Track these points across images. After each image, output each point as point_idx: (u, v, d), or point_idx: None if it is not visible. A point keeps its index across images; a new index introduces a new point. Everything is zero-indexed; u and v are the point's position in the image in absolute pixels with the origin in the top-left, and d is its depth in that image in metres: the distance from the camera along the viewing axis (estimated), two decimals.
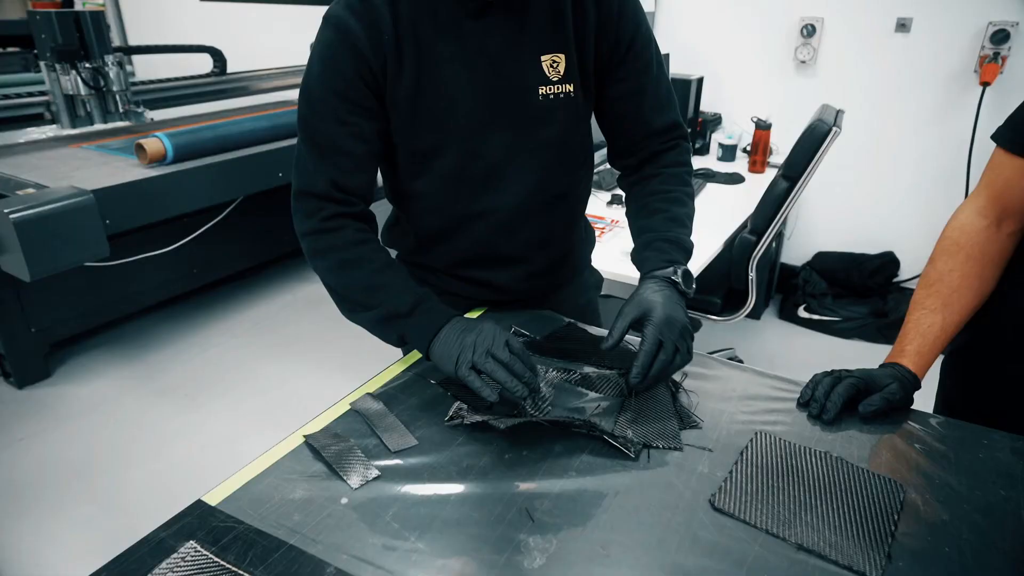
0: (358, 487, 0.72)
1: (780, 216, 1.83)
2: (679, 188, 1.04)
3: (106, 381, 2.52)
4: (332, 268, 0.94)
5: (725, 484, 0.73)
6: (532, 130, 0.98)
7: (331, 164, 0.93)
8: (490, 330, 0.85)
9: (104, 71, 2.57)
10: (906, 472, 0.76)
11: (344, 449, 0.78)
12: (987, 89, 2.50)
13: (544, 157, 1.01)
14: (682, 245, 0.98)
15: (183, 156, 2.37)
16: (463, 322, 0.89)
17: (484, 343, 0.82)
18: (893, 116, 2.74)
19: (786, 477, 0.74)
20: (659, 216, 1.01)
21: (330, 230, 0.94)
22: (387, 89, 0.92)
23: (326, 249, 0.94)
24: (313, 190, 0.94)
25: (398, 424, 0.83)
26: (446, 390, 0.90)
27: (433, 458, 0.77)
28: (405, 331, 0.91)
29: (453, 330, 0.87)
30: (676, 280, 0.92)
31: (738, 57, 2.97)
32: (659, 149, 1.06)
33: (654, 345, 0.85)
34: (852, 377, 0.87)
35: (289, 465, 0.76)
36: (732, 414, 0.86)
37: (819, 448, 0.79)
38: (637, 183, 1.08)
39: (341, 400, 0.89)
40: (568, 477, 0.75)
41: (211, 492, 0.72)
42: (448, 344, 0.86)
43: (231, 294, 3.17)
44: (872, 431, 0.84)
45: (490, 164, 0.98)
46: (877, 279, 2.93)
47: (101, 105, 2.66)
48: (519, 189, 1.01)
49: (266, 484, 0.73)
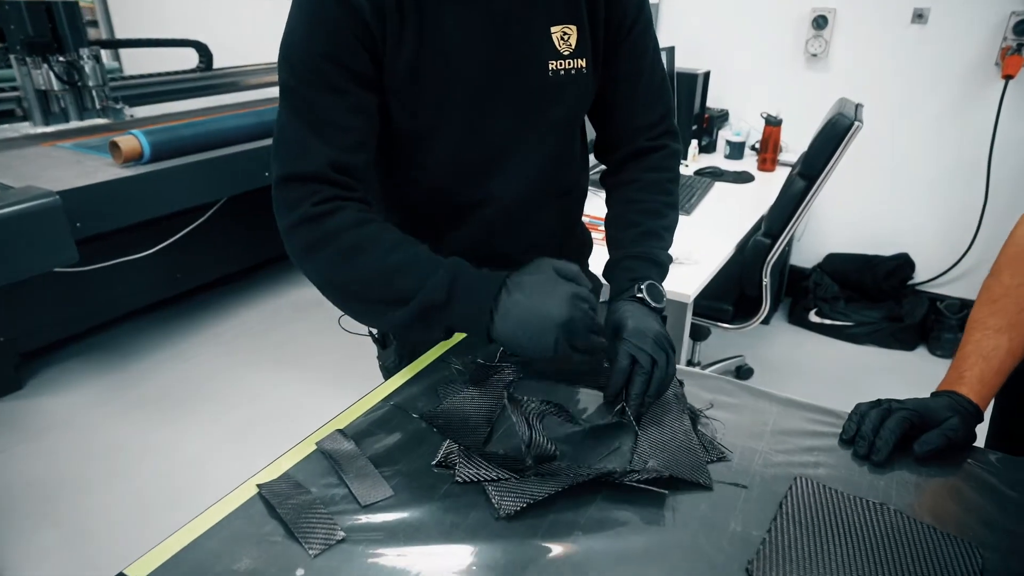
0: (318, 554, 0.59)
1: (797, 217, 1.71)
2: (657, 198, 0.96)
3: (80, 393, 2.39)
4: (336, 260, 0.76)
5: (764, 548, 0.60)
6: (539, 110, 0.87)
7: (328, 141, 0.77)
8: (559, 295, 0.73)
9: (79, 65, 2.44)
10: (978, 528, 0.64)
11: (303, 504, 0.65)
12: (1010, 82, 2.38)
13: (550, 143, 0.91)
14: (652, 258, 0.91)
15: (161, 155, 2.25)
16: (526, 276, 0.74)
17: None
18: (909, 111, 2.61)
19: (836, 538, 0.61)
20: (632, 231, 0.94)
21: (326, 214, 0.76)
22: (386, 57, 0.79)
23: (324, 238, 0.75)
24: (305, 172, 0.76)
25: (370, 470, 0.70)
26: (432, 425, 0.77)
27: (411, 514, 0.64)
28: (451, 323, 0.75)
29: (524, 290, 0.72)
30: (641, 296, 0.84)
31: (746, 50, 2.84)
32: (646, 146, 0.98)
33: (626, 361, 0.77)
34: (904, 410, 0.74)
35: (237, 524, 0.63)
36: (766, 454, 0.73)
37: (872, 498, 0.66)
38: (617, 186, 1.00)
39: (307, 438, 0.76)
40: (573, 539, 0.62)
41: (137, 562, 0.59)
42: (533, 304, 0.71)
43: (214, 301, 3.03)
44: (931, 474, 0.71)
45: (492, 148, 0.88)
46: (891, 282, 2.80)
47: (77, 101, 2.53)
48: (521, 178, 0.91)
49: (207, 550, 0.60)
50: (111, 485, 1.95)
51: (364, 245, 0.75)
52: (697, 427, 0.77)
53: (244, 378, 2.47)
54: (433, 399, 0.82)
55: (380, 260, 0.75)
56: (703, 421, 0.79)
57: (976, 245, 2.64)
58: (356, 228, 0.76)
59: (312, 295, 0.83)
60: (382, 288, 0.75)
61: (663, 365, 0.77)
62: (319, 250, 0.76)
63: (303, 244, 0.77)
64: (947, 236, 2.70)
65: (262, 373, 2.50)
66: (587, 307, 0.73)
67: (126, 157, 2.16)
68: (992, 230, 2.60)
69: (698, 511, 0.65)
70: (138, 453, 2.10)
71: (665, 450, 0.73)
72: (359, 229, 0.76)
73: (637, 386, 0.77)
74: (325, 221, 0.75)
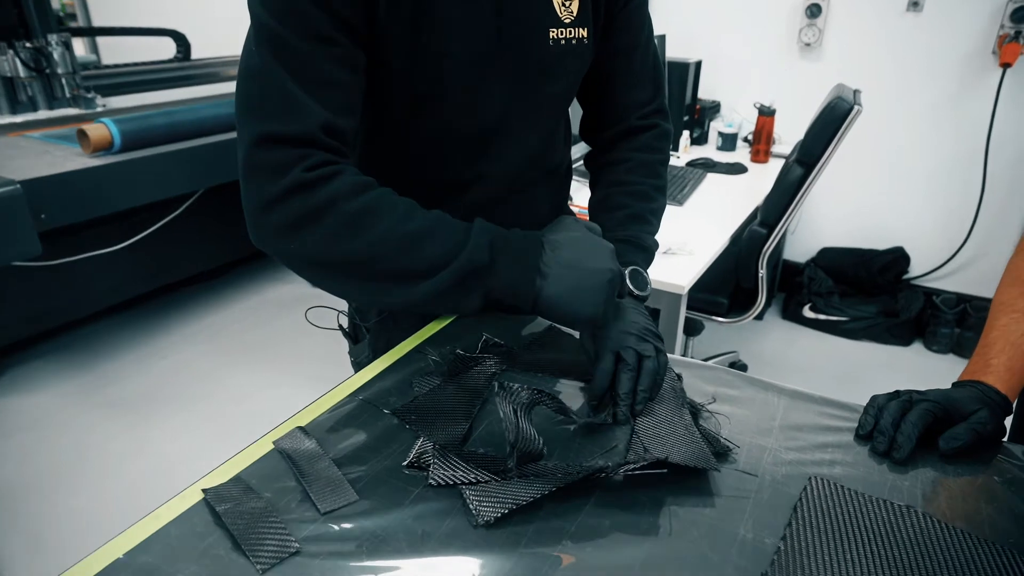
0: (267, 569, 0.52)
1: (794, 206, 1.64)
2: (646, 180, 0.90)
3: (50, 393, 2.28)
4: (337, 232, 0.64)
5: (779, 558, 0.53)
6: (537, 83, 0.81)
7: (320, 99, 0.66)
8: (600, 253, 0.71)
9: (47, 52, 2.34)
10: (1016, 532, 0.57)
11: (253, 511, 0.57)
12: (1007, 71, 2.32)
13: (544, 120, 0.86)
14: (638, 243, 0.85)
15: (133, 144, 2.15)
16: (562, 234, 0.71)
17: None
18: (904, 102, 2.55)
19: (860, 545, 0.54)
20: (619, 213, 0.87)
21: (322, 180, 0.64)
22: (381, 13, 0.69)
23: (321, 207, 0.63)
24: (294, 133, 0.64)
25: (333, 472, 0.62)
26: (404, 421, 0.69)
27: (377, 521, 0.56)
28: (493, 287, 0.67)
29: (569, 248, 0.68)
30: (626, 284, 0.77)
31: (738, 39, 2.78)
32: (637, 125, 0.92)
33: (609, 359, 0.70)
34: (926, 401, 0.67)
35: (176, 536, 0.55)
36: (775, 451, 0.66)
37: (894, 499, 0.59)
38: (604, 167, 0.94)
39: (264, 436, 0.68)
40: (561, 550, 0.54)
41: (67, 574, 0.51)
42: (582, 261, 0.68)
43: (191, 298, 2.93)
44: (959, 473, 0.64)
45: (487, 124, 0.81)
46: (887, 276, 2.75)
47: (46, 90, 2.43)
48: (514, 157, 0.85)
49: (140, 564, 0.52)
50: (79, 489, 1.86)
51: (375, 211, 0.64)
52: (699, 422, 0.70)
53: (221, 378, 2.38)
54: (407, 393, 0.74)
55: (399, 226, 0.64)
56: (705, 416, 0.71)
57: (973, 238, 2.59)
58: (360, 193, 0.65)
59: (294, 292, 0.75)
60: (406, 257, 0.64)
61: (652, 357, 0.70)
62: (314, 222, 0.64)
63: (292, 217, 0.64)
64: (943, 229, 2.65)
65: (240, 372, 2.41)
66: None
67: (95, 146, 2.07)
68: (989, 223, 2.55)
69: (702, 516, 0.58)
70: (110, 455, 2.00)
71: (664, 444, 0.65)
72: (364, 194, 0.65)
73: (624, 384, 0.69)
74: (320, 188, 0.63)
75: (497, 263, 0.66)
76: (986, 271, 2.63)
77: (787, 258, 2.98)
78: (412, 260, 0.65)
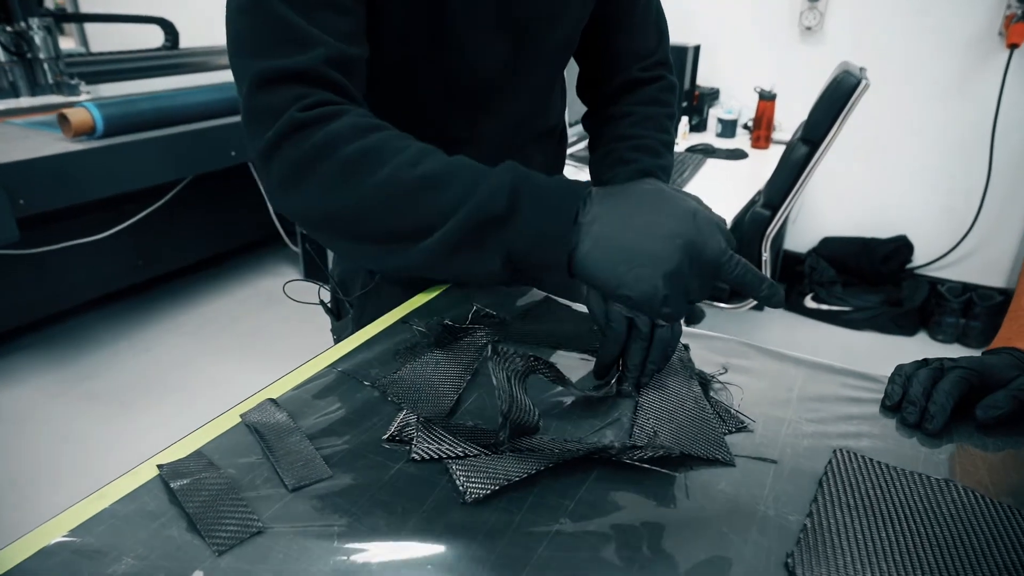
0: (224, 551, 0.45)
1: (799, 186, 1.58)
2: (654, 135, 0.82)
3: (33, 386, 2.21)
4: (337, 176, 0.54)
5: (805, 536, 0.47)
6: (539, 32, 0.74)
7: (323, 25, 0.57)
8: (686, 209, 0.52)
9: (28, 36, 2.27)
10: None
11: (213, 488, 0.50)
12: (1015, 52, 2.27)
13: (544, 76, 0.80)
14: (660, 162, 0.78)
15: (116, 129, 2.08)
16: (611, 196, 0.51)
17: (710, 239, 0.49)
18: (908, 86, 2.50)
19: (895, 522, 0.48)
20: (625, 168, 0.78)
21: (320, 120, 0.55)
22: None
23: (318, 151, 0.54)
24: (295, 67, 0.56)
25: (305, 446, 0.55)
26: (386, 394, 0.63)
27: (353, 498, 0.50)
28: (516, 243, 0.51)
29: (625, 198, 0.51)
30: None
31: (737, 24, 2.72)
32: (640, 77, 0.85)
33: (621, 325, 0.62)
34: (960, 368, 0.61)
35: (125, 514, 0.49)
36: (795, 423, 0.60)
37: (931, 473, 0.53)
38: (606, 122, 0.85)
39: (231, 409, 0.61)
40: (559, 527, 0.48)
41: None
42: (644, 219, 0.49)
43: (179, 290, 2.86)
44: (999, 445, 0.58)
45: (486, 80, 0.75)
46: (890, 265, 2.70)
47: (28, 76, 2.36)
48: (512, 115, 0.79)
49: (78, 547, 0.46)
50: (62, 482, 1.79)
51: (378, 153, 0.54)
52: (709, 394, 0.64)
53: (207, 371, 2.31)
54: (389, 365, 0.68)
55: (404, 170, 0.53)
56: (716, 388, 0.65)
57: (978, 226, 2.53)
58: (364, 135, 0.55)
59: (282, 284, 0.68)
60: (411, 206, 0.53)
61: (666, 326, 0.63)
62: (311, 170, 0.54)
63: (289, 165, 0.55)
64: (947, 217, 2.60)
65: (229, 365, 2.34)
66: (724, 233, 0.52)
67: (76, 131, 2.00)
68: (995, 210, 2.50)
69: (718, 492, 0.52)
70: (92, 449, 1.93)
71: (673, 420, 0.59)
72: (368, 135, 0.55)
73: (635, 355, 0.63)
74: (317, 129, 0.54)
75: (519, 212, 0.50)
76: (992, 259, 2.57)
77: (788, 248, 2.92)
78: (419, 209, 0.53)
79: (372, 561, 0.45)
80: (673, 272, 0.48)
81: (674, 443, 0.55)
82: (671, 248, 0.48)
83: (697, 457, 0.55)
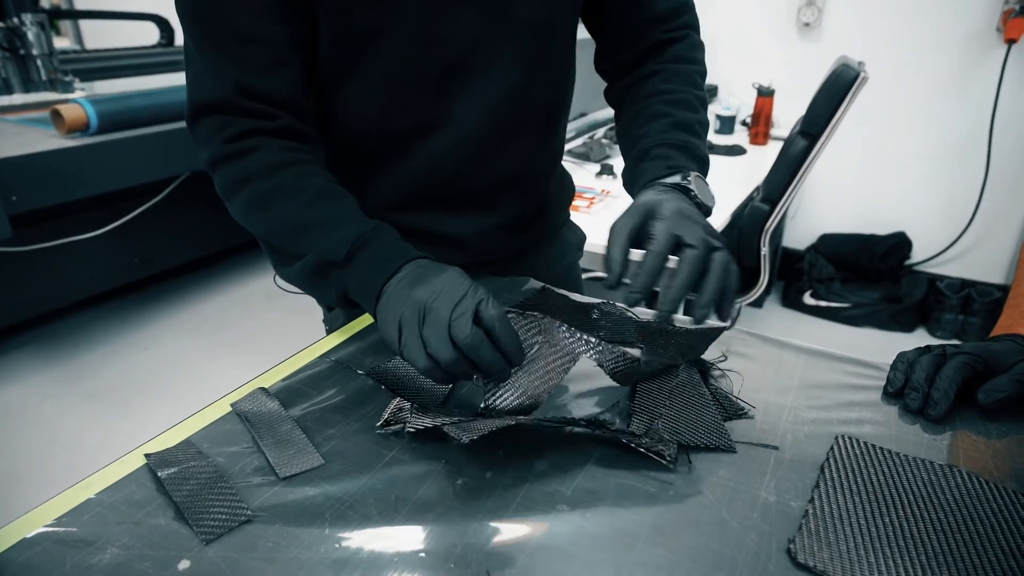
0: (212, 540, 0.44)
1: (798, 179, 1.57)
2: (688, 89, 0.77)
3: (25, 386, 2.20)
4: (247, 207, 0.67)
5: (807, 522, 0.46)
6: (504, 5, 0.70)
7: (234, 59, 0.65)
8: (453, 284, 0.54)
9: (21, 32, 2.26)
10: None
11: (202, 476, 0.49)
12: (1012, 48, 2.26)
13: (524, 46, 0.73)
14: (695, 152, 0.72)
15: (110, 126, 2.07)
16: (420, 268, 0.58)
17: (444, 305, 0.52)
18: (905, 82, 2.49)
19: (898, 507, 0.47)
20: (661, 122, 0.74)
21: (238, 154, 0.66)
22: None
23: (236, 181, 0.66)
24: (209, 101, 0.66)
25: (297, 435, 0.54)
26: (379, 383, 0.62)
27: (345, 486, 0.49)
28: (345, 286, 0.62)
29: (402, 282, 0.57)
30: (687, 185, 0.67)
31: (735, 21, 2.71)
32: (664, 39, 0.80)
33: (666, 239, 0.59)
34: (963, 354, 0.60)
35: (111, 503, 0.47)
36: (796, 410, 0.59)
37: (934, 459, 0.52)
38: (632, 86, 0.80)
39: (221, 399, 0.60)
40: (557, 514, 0.47)
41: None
42: (391, 305, 0.56)
43: (177, 288, 2.84)
44: (1005, 430, 0.57)
45: (451, 56, 0.70)
46: (888, 262, 2.69)
47: (21, 72, 2.34)
48: (488, 96, 0.74)
49: (61, 537, 0.44)
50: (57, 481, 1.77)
51: (277, 193, 0.65)
52: (709, 382, 0.63)
53: (206, 369, 2.30)
54: (383, 355, 0.67)
55: (292, 213, 0.64)
56: (715, 375, 0.64)
57: (976, 222, 2.53)
58: (271, 173, 0.65)
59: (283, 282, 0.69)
60: (291, 241, 0.65)
61: (723, 255, 0.59)
62: (235, 194, 0.67)
63: (222, 185, 0.68)
64: (946, 213, 2.59)
65: (226, 363, 2.33)
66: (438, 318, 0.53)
67: (70, 127, 1.98)
68: (993, 206, 2.49)
69: (718, 478, 0.50)
70: (88, 448, 1.92)
71: (671, 407, 0.58)
72: (275, 174, 0.65)
73: (684, 273, 0.57)
74: (237, 163, 0.66)
75: (354, 263, 0.61)
76: (990, 255, 2.56)
77: (787, 245, 2.91)
78: (296, 241, 0.64)
79: (364, 549, 0.44)
80: (406, 324, 0.53)
81: (672, 432, 0.54)
82: (396, 328, 0.54)
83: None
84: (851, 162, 2.67)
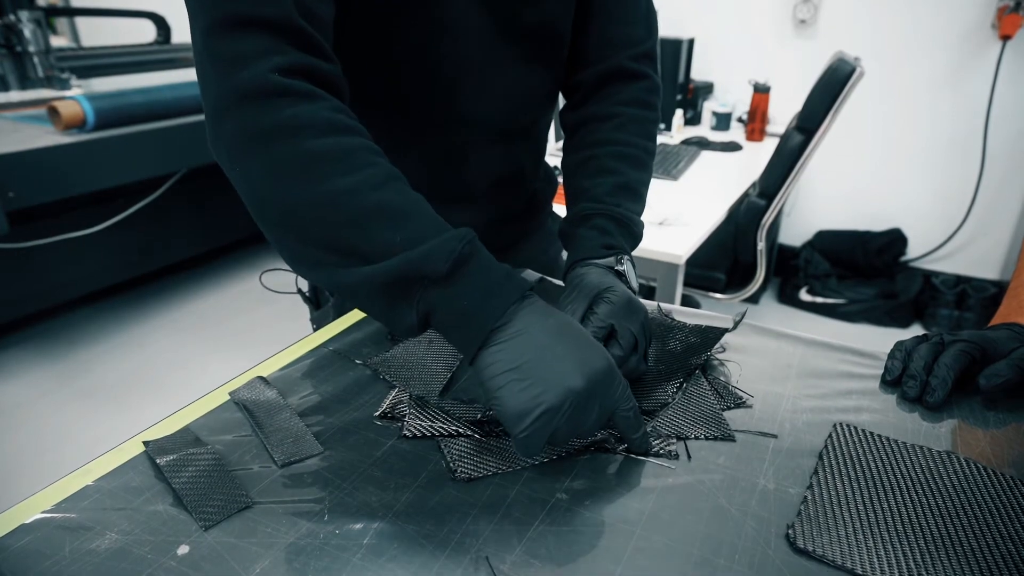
0: (211, 526, 0.44)
1: (795, 174, 1.58)
2: (639, 141, 0.77)
3: (22, 384, 2.19)
4: (298, 166, 0.48)
5: (806, 508, 0.46)
6: (512, 11, 0.69)
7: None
8: (607, 373, 0.48)
9: (18, 29, 2.25)
10: None
11: (201, 463, 0.49)
12: (1007, 44, 2.27)
13: (525, 52, 0.73)
14: (631, 229, 0.72)
15: (108, 122, 2.06)
16: (545, 317, 0.49)
17: (595, 409, 0.48)
18: (901, 79, 2.50)
19: (896, 493, 0.47)
20: (608, 180, 0.73)
21: (293, 94, 0.49)
22: None
23: (285, 129, 0.48)
24: (264, 15, 0.49)
25: (296, 423, 0.54)
26: (378, 372, 0.62)
27: (343, 475, 0.49)
28: (438, 309, 0.48)
29: (533, 333, 0.48)
30: (621, 270, 0.66)
31: (731, 18, 2.71)
32: (627, 68, 0.79)
33: (630, 340, 0.58)
34: (961, 342, 0.60)
35: (110, 490, 0.47)
36: (794, 399, 0.59)
37: (933, 446, 0.52)
38: (587, 122, 0.80)
39: (219, 387, 0.60)
40: (556, 503, 0.47)
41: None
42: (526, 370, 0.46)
43: (174, 285, 2.83)
44: (1003, 417, 0.57)
45: (462, 55, 0.70)
46: (884, 258, 2.69)
47: (17, 70, 2.33)
48: (495, 98, 0.74)
49: (60, 522, 0.44)
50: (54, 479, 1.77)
51: (342, 161, 0.49)
52: (707, 372, 0.63)
53: (203, 366, 2.30)
54: (382, 344, 0.67)
55: (362, 190, 0.48)
56: (714, 365, 0.64)
57: (971, 218, 2.54)
58: (334, 133, 0.49)
59: (281, 279, 0.63)
60: (355, 229, 0.48)
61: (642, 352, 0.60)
62: (264, 147, 0.48)
63: (246, 131, 0.49)
64: (941, 209, 2.60)
65: (223, 361, 2.32)
66: None
67: (67, 123, 1.98)
68: (988, 202, 2.50)
69: (716, 466, 0.51)
70: (85, 445, 1.91)
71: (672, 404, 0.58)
72: (338, 136, 0.50)
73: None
74: (286, 104, 0.48)
75: (456, 283, 0.48)
76: (985, 251, 2.57)
77: (783, 242, 2.92)
78: (361, 235, 0.48)
79: (360, 539, 0.44)
80: (550, 412, 0.45)
81: (671, 426, 0.55)
82: (563, 396, 0.46)
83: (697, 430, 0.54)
84: (847, 159, 2.68)
